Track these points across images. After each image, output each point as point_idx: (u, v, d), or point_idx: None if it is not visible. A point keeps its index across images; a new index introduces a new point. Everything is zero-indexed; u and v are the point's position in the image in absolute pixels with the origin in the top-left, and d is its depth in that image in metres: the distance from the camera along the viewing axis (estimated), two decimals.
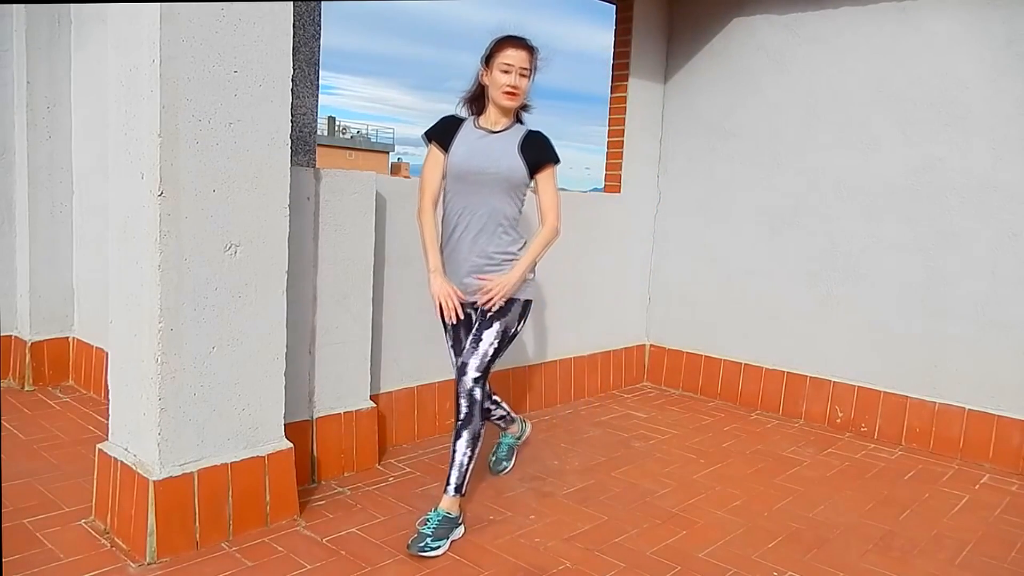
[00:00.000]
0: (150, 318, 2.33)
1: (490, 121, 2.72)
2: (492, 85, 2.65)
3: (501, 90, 2.62)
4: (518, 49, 2.62)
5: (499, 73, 2.62)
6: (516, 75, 2.61)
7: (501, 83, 2.62)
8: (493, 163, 2.67)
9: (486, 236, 2.69)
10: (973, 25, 3.60)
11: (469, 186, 2.68)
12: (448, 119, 2.76)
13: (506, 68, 2.61)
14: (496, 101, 2.66)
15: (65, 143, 4.09)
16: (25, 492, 2.76)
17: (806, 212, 4.18)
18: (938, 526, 2.89)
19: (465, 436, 2.63)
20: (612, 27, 4.61)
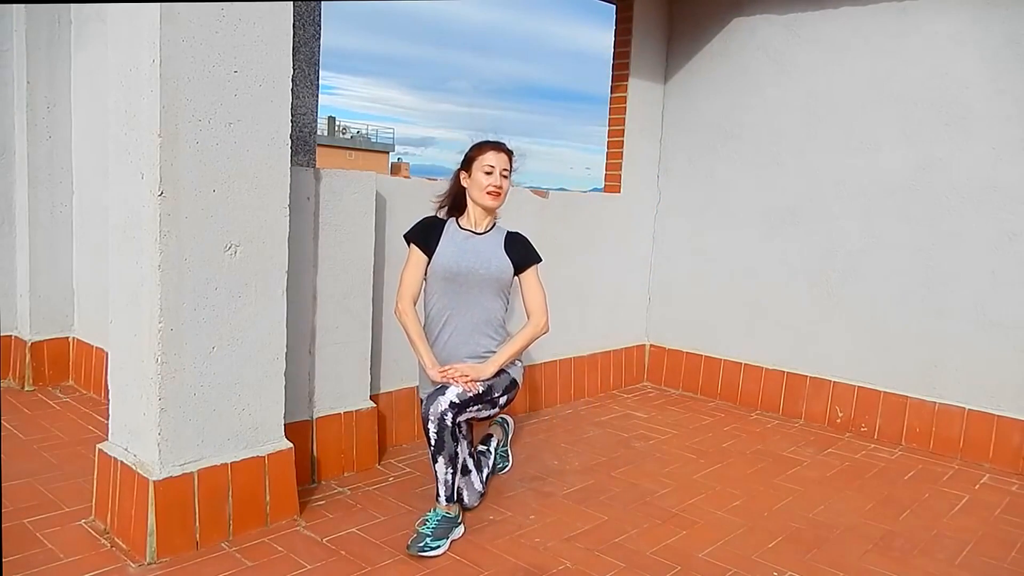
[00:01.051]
0: (150, 318, 2.33)
1: (472, 222, 2.79)
2: (474, 187, 2.74)
3: (485, 191, 2.71)
4: (498, 152, 2.74)
5: (481, 175, 2.72)
6: (498, 176, 2.72)
7: (484, 184, 2.71)
8: (483, 263, 2.73)
9: (478, 335, 2.74)
10: (973, 25, 3.60)
11: (459, 287, 2.72)
12: (428, 221, 2.81)
13: (488, 170, 2.72)
14: (479, 202, 2.75)
15: (65, 143, 4.09)
16: (25, 492, 2.76)
17: (806, 212, 4.18)
18: (938, 526, 2.89)
19: (441, 460, 2.56)
20: (612, 27, 4.61)
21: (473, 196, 2.76)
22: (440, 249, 2.74)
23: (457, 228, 2.79)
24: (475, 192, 2.74)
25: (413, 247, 2.77)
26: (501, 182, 2.73)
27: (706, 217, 4.60)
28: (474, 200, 2.76)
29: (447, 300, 2.74)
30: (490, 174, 2.72)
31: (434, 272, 2.74)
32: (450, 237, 2.76)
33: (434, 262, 2.74)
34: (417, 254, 2.76)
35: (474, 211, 2.79)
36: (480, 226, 2.80)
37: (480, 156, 2.74)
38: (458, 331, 2.74)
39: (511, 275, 2.78)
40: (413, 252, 2.76)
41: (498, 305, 2.78)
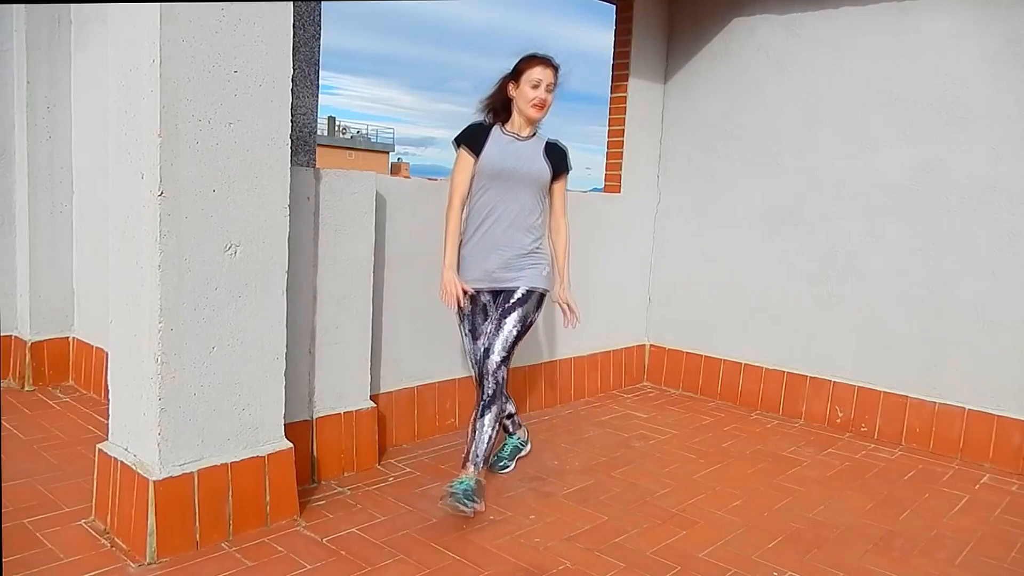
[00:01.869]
0: (150, 318, 2.33)
1: (516, 128, 3.00)
2: (521, 98, 2.93)
3: (531, 103, 2.91)
4: (545, 67, 2.92)
5: (528, 88, 2.91)
6: (543, 90, 2.91)
7: (531, 97, 2.91)
8: (525, 164, 2.97)
9: (515, 229, 2.97)
10: (973, 25, 3.60)
11: (503, 183, 2.95)
12: (476, 126, 3.00)
13: (536, 83, 2.90)
14: (525, 113, 2.94)
15: (65, 143, 4.09)
16: (25, 492, 2.76)
17: (806, 212, 4.18)
18: (938, 526, 2.89)
19: (489, 416, 2.84)
20: (612, 27, 4.61)
21: (519, 106, 2.95)
22: (487, 151, 2.95)
23: (502, 133, 2.99)
24: (521, 103, 2.94)
25: (463, 150, 2.96)
26: (546, 96, 2.92)
27: (706, 217, 4.60)
28: (520, 110, 2.96)
29: (492, 195, 2.96)
30: (536, 88, 2.91)
31: (481, 170, 2.95)
32: (495, 140, 2.97)
33: (481, 161, 2.94)
34: (466, 157, 2.95)
35: (518, 119, 2.99)
36: (523, 132, 3.00)
37: (529, 69, 2.91)
38: (498, 222, 2.96)
39: (549, 178, 3.02)
40: (462, 155, 2.96)
41: (537, 206, 3.02)
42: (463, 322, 3.08)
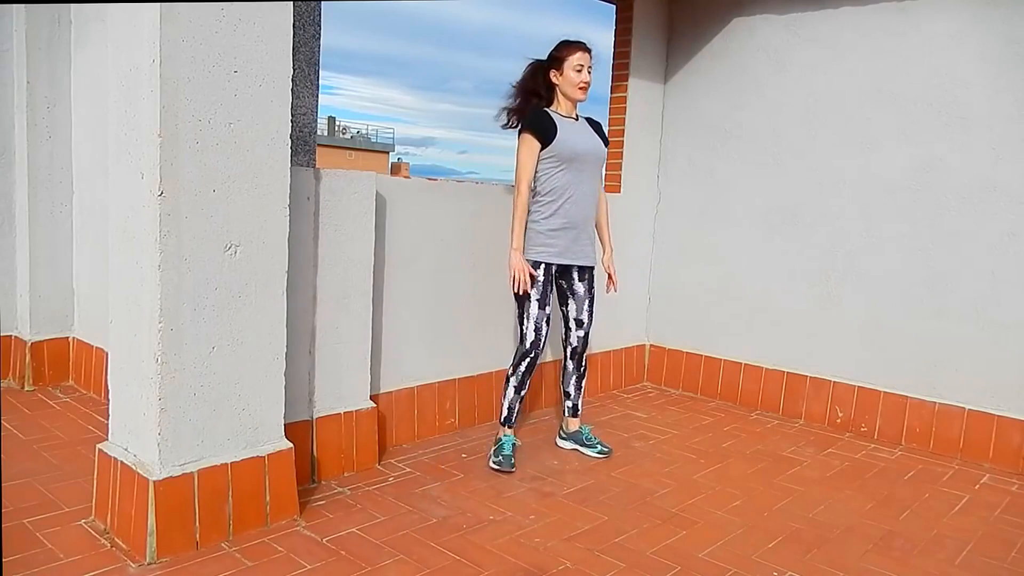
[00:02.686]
0: (150, 318, 2.33)
1: (565, 112, 3.23)
2: (566, 83, 3.18)
3: (577, 86, 3.17)
4: (585, 52, 3.18)
5: (573, 72, 3.16)
6: (586, 72, 3.18)
7: (576, 81, 3.16)
8: (594, 146, 3.28)
9: (589, 206, 3.29)
10: (973, 25, 3.60)
11: (578, 164, 3.19)
12: (539, 114, 3.18)
13: (579, 67, 3.16)
14: (571, 96, 3.20)
15: (65, 143, 4.09)
16: (25, 492, 2.76)
17: (806, 212, 4.18)
18: (938, 526, 2.89)
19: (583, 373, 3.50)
20: (612, 27, 4.61)
21: (565, 91, 3.19)
22: (560, 136, 3.15)
23: (561, 117, 3.20)
24: (567, 87, 3.18)
25: (530, 136, 3.12)
26: (589, 77, 3.19)
27: (706, 217, 4.60)
28: (566, 94, 3.20)
29: (568, 176, 3.19)
30: (580, 71, 3.16)
31: (560, 154, 3.16)
32: (561, 125, 3.17)
33: (558, 146, 3.15)
34: (534, 142, 3.13)
35: (565, 103, 3.23)
36: (572, 114, 3.25)
37: (571, 55, 3.16)
38: (576, 201, 3.23)
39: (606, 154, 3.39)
40: (531, 141, 3.13)
41: (599, 182, 3.41)
42: (532, 291, 3.23)
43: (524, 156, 3.15)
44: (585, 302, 3.45)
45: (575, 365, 3.55)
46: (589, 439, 3.55)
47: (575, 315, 3.46)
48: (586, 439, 3.55)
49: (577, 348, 3.51)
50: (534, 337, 3.26)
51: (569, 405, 3.61)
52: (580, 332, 3.49)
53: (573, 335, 3.50)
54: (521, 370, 3.28)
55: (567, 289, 3.42)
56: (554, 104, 3.26)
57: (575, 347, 3.51)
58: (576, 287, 3.41)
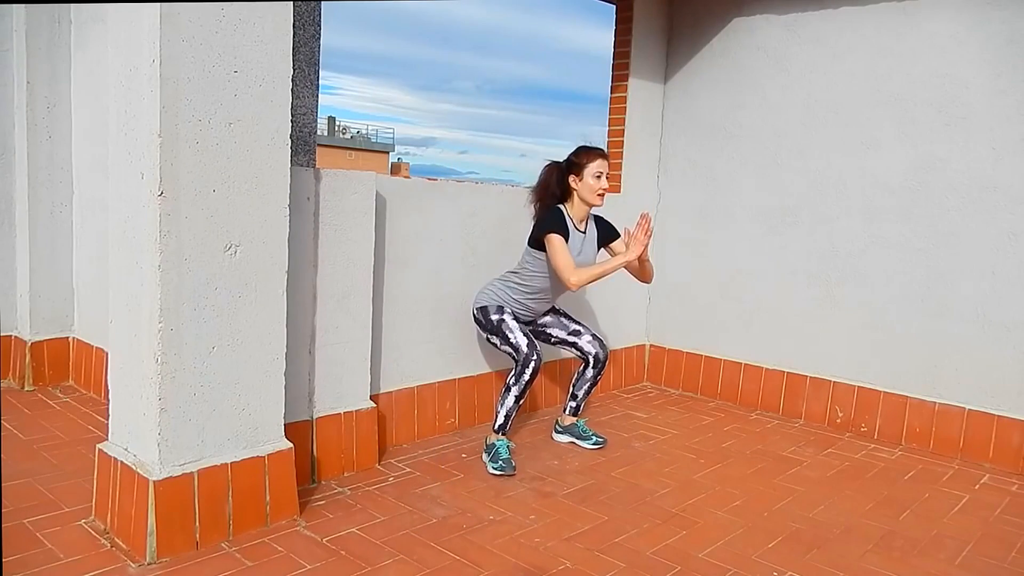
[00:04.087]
0: (150, 318, 2.33)
1: (578, 217, 3.36)
2: (585, 189, 3.30)
3: (595, 193, 3.30)
4: (604, 159, 3.33)
5: (592, 179, 3.29)
6: (604, 179, 3.32)
7: (595, 188, 3.30)
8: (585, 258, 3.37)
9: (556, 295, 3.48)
10: (973, 25, 3.60)
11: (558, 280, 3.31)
12: (559, 216, 3.29)
13: (598, 175, 3.29)
14: (589, 201, 3.33)
15: (65, 143, 4.09)
16: (25, 492, 2.76)
17: (806, 212, 4.18)
18: (938, 526, 2.89)
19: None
20: (612, 27, 4.61)
21: (583, 196, 3.31)
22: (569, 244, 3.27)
23: (573, 227, 3.33)
24: (586, 193, 3.30)
25: (555, 237, 3.22)
26: (607, 184, 3.33)
27: (706, 217, 4.60)
28: (583, 199, 3.33)
29: (551, 284, 3.37)
30: (599, 178, 3.29)
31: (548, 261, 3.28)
32: (572, 239, 3.30)
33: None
34: (559, 239, 3.22)
35: (580, 207, 3.35)
36: (583, 223, 3.39)
37: (590, 163, 3.29)
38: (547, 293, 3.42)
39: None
40: (558, 240, 3.21)
41: None
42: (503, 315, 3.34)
43: (558, 254, 3.20)
44: (560, 317, 3.57)
45: (595, 373, 3.60)
46: (585, 432, 3.61)
47: (566, 331, 3.55)
48: (582, 431, 3.62)
49: (599, 355, 3.55)
50: (527, 341, 3.27)
51: (573, 405, 3.67)
52: (587, 336, 3.55)
53: (584, 344, 3.54)
54: (525, 378, 3.23)
55: (535, 327, 3.55)
56: (568, 204, 3.36)
57: (596, 353, 3.55)
58: (542, 320, 3.56)
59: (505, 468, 3.18)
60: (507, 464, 3.19)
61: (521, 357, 3.25)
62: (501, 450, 3.24)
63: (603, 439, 3.62)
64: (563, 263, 3.19)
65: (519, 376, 3.25)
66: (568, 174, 3.33)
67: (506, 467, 3.18)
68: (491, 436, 3.34)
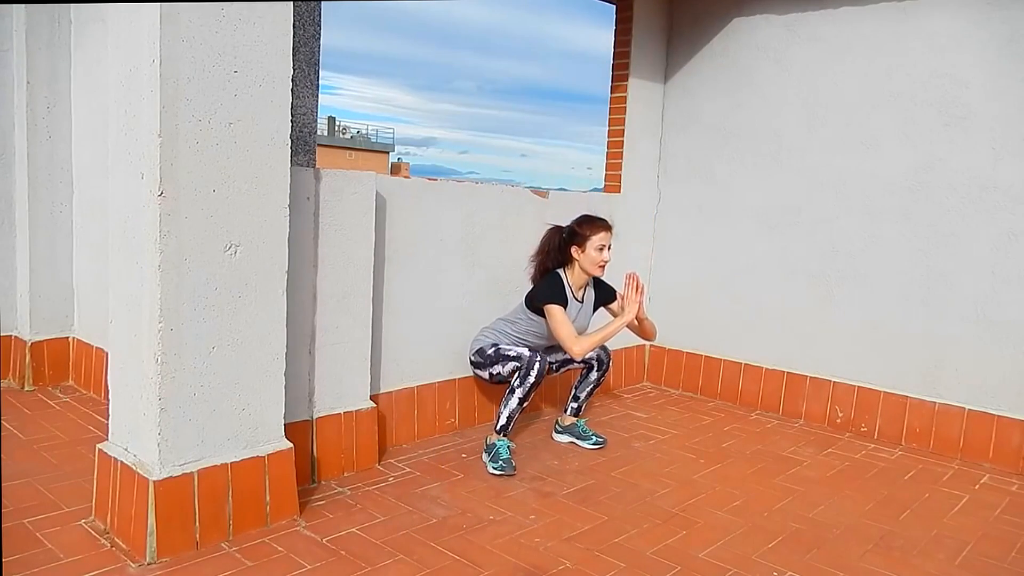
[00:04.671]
0: (150, 318, 2.33)
1: (576, 284, 3.41)
2: (587, 260, 3.34)
3: (597, 264, 3.35)
4: (607, 232, 3.36)
5: (595, 252, 3.33)
6: (607, 251, 3.35)
7: (597, 260, 3.34)
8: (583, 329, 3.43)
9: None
10: (973, 25, 3.59)
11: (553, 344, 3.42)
12: (558, 285, 3.35)
13: (600, 247, 3.33)
14: (591, 272, 3.38)
15: (65, 143, 4.09)
16: (25, 492, 2.76)
17: (806, 212, 4.18)
18: (938, 526, 2.89)
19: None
20: (612, 27, 4.61)
21: (584, 266, 3.37)
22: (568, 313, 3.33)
23: (572, 296, 3.39)
24: (587, 264, 3.35)
25: (554, 307, 3.28)
26: (609, 256, 3.37)
27: (706, 217, 4.60)
28: (584, 270, 3.38)
29: (546, 339, 3.43)
30: (601, 250, 3.33)
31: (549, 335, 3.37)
32: (568, 305, 3.34)
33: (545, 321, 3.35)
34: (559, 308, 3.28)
35: (580, 276, 3.41)
36: (581, 291, 3.45)
37: (593, 235, 3.33)
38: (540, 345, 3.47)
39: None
40: (557, 309, 3.28)
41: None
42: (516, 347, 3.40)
43: (560, 323, 3.26)
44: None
45: (598, 376, 3.65)
46: (585, 432, 3.63)
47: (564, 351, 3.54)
48: (582, 431, 3.63)
49: (601, 357, 3.59)
50: (529, 352, 3.29)
51: (574, 406, 3.70)
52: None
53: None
54: (530, 381, 3.24)
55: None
56: (568, 270, 3.41)
57: (599, 355, 3.59)
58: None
59: (505, 468, 3.17)
60: (507, 464, 3.19)
61: (524, 362, 3.26)
62: (501, 450, 3.24)
63: (603, 439, 3.62)
64: (565, 334, 3.25)
65: (524, 378, 3.25)
66: (571, 243, 3.37)
67: (506, 467, 3.18)
68: (492, 436, 3.34)
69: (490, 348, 3.41)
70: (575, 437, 3.63)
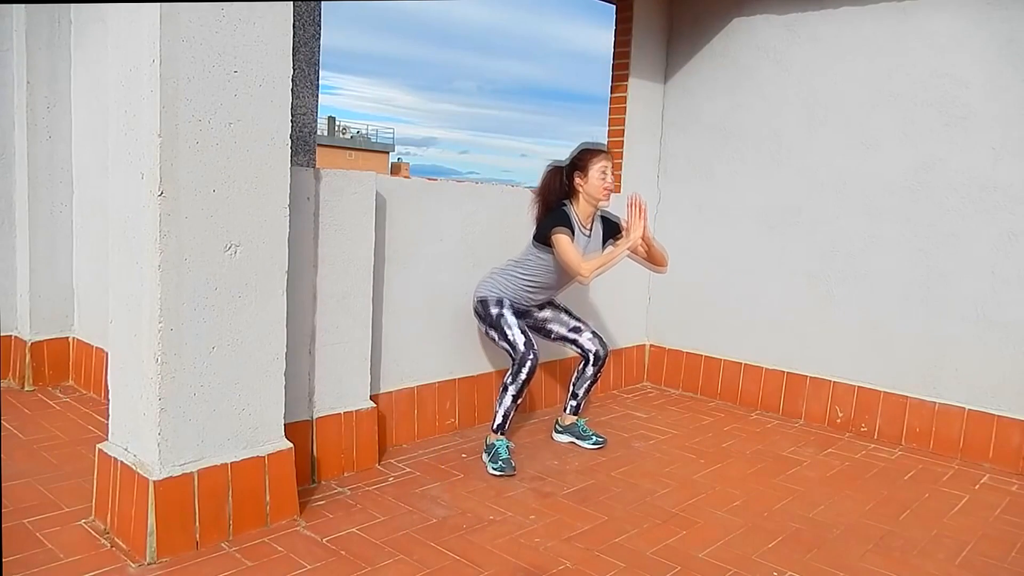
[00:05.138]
0: (150, 318, 2.33)
1: (584, 216, 3.37)
2: (591, 187, 3.30)
3: (602, 190, 3.31)
4: (607, 158, 3.33)
5: (597, 179, 3.29)
6: (610, 177, 3.32)
7: (602, 186, 3.30)
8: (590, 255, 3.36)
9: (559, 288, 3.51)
10: (973, 25, 3.60)
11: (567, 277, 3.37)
12: (565, 214, 3.31)
13: (602, 173, 3.29)
14: (596, 198, 3.34)
15: (65, 143, 4.09)
16: (25, 492, 2.76)
17: (806, 212, 4.18)
18: (938, 526, 2.89)
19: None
20: (612, 27, 4.61)
21: (589, 193, 3.32)
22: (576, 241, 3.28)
23: (580, 228, 3.34)
24: (592, 191, 3.31)
25: (562, 234, 3.23)
26: (612, 182, 3.34)
27: (706, 217, 4.60)
28: (590, 197, 3.33)
29: (554, 278, 3.39)
30: (603, 177, 3.29)
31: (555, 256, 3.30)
32: (577, 235, 3.30)
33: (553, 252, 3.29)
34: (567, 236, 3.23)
35: (586, 207, 3.36)
36: (589, 223, 3.39)
37: (596, 163, 3.29)
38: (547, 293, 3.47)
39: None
40: (566, 237, 3.23)
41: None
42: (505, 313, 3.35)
43: (566, 248, 3.21)
44: (561, 313, 3.58)
45: (595, 371, 3.62)
46: (585, 431, 3.63)
47: (566, 328, 3.57)
48: (582, 431, 3.63)
49: (599, 352, 3.57)
50: (524, 339, 3.28)
51: (573, 404, 3.69)
52: (588, 334, 3.56)
53: (584, 341, 3.56)
54: (522, 377, 3.24)
55: (535, 322, 3.55)
56: (574, 203, 3.36)
57: (596, 351, 3.57)
58: (542, 314, 3.56)
59: (505, 468, 3.17)
60: (507, 464, 3.19)
61: (518, 356, 3.26)
62: (501, 450, 3.24)
63: (603, 439, 3.62)
64: (572, 258, 3.20)
65: (516, 375, 3.25)
66: (573, 174, 3.34)
67: (506, 467, 3.18)
68: (490, 436, 3.34)
69: (494, 307, 3.35)
70: (575, 437, 3.63)
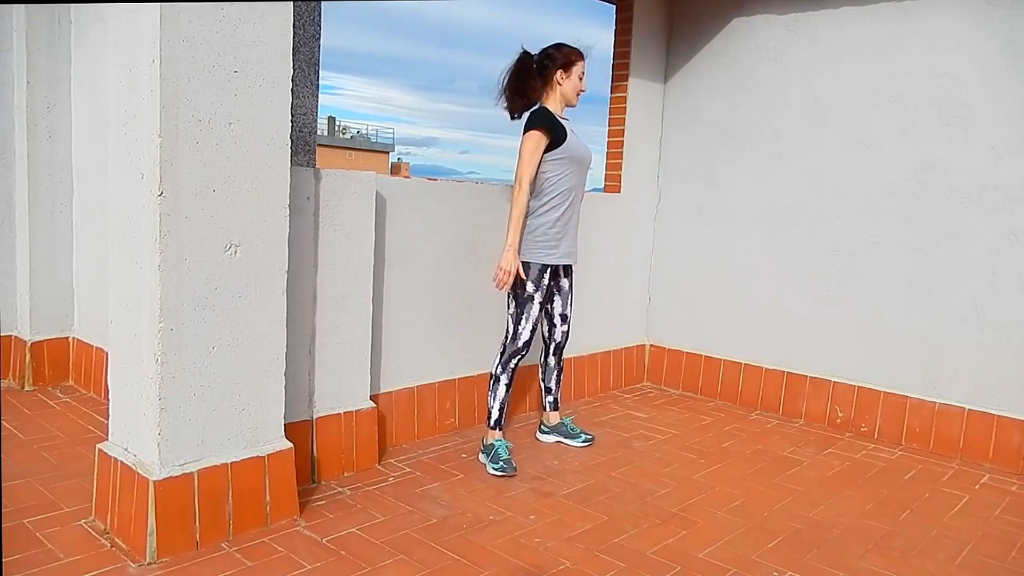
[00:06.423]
0: (150, 318, 2.33)
1: (559, 111, 3.28)
2: (570, 87, 3.25)
3: (577, 92, 3.28)
4: (584, 61, 3.30)
5: (578, 79, 3.26)
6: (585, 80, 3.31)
7: (579, 87, 3.27)
8: (587, 149, 3.36)
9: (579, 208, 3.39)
10: (973, 25, 3.59)
11: (579, 167, 3.28)
12: (547, 112, 3.21)
13: (582, 75, 3.28)
14: (571, 100, 3.29)
15: (65, 143, 4.09)
16: (25, 492, 2.77)
17: (806, 212, 4.18)
18: (938, 526, 2.89)
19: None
20: (612, 27, 4.61)
21: (565, 92, 3.25)
22: (569, 139, 3.23)
23: (560, 119, 3.24)
24: (569, 90, 3.25)
25: (540, 134, 3.13)
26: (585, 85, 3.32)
27: (706, 217, 4.60)
28: (564, 96, 3.27)
29: (571, 179, 3.27)
30: (582, 78, 3.28)
31: (570, 157, 3.23)
32: (569, 136, 3.23)
33: (569, 149, 3.23)
34: (543, 142, 3.15)
35: (560, 104, 3.28)
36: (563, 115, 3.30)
37: (578, 62, 3.25)
38: (574, 204, 3.33)
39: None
40: (542, 140, 3.14)
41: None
42: (536, 293, 3.28)
43: (531, 154, 3.14)
44: (569, 296, 3.56)
45: (557, 360, 3.64)
46: (572, 429, 3.63)
47: (561, 311, 3.54)
48: (570, 430, 3.63)
49: (561, 344, 3.59)
50: (528, 337, 3.31)
51: (551, 400, 3.69)
52: (565, 327, 3.58)
53: (558, 331, 3.57)
54: (511, 367, 3.31)
55: (554, 287, 3.49)
56: (547, 102, 3.27)
57: (559, 343, 3.58)
58: (562, 283, 3.51)
59: (506, 468, 3.17)
60: (507, 464, 3.19)
61: (513, 346, 3.30)
62: (500, 450, 3.24)
63: (591, 436, 3.62)
64: (527, 166, 3.13)
65: (505, 364, 3.31)
66: (553, 67, 3.22)
67: (506, 467, 3.18)
68: (488, 435, 3.34)
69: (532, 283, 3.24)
70: (562, 436, 3.62)
